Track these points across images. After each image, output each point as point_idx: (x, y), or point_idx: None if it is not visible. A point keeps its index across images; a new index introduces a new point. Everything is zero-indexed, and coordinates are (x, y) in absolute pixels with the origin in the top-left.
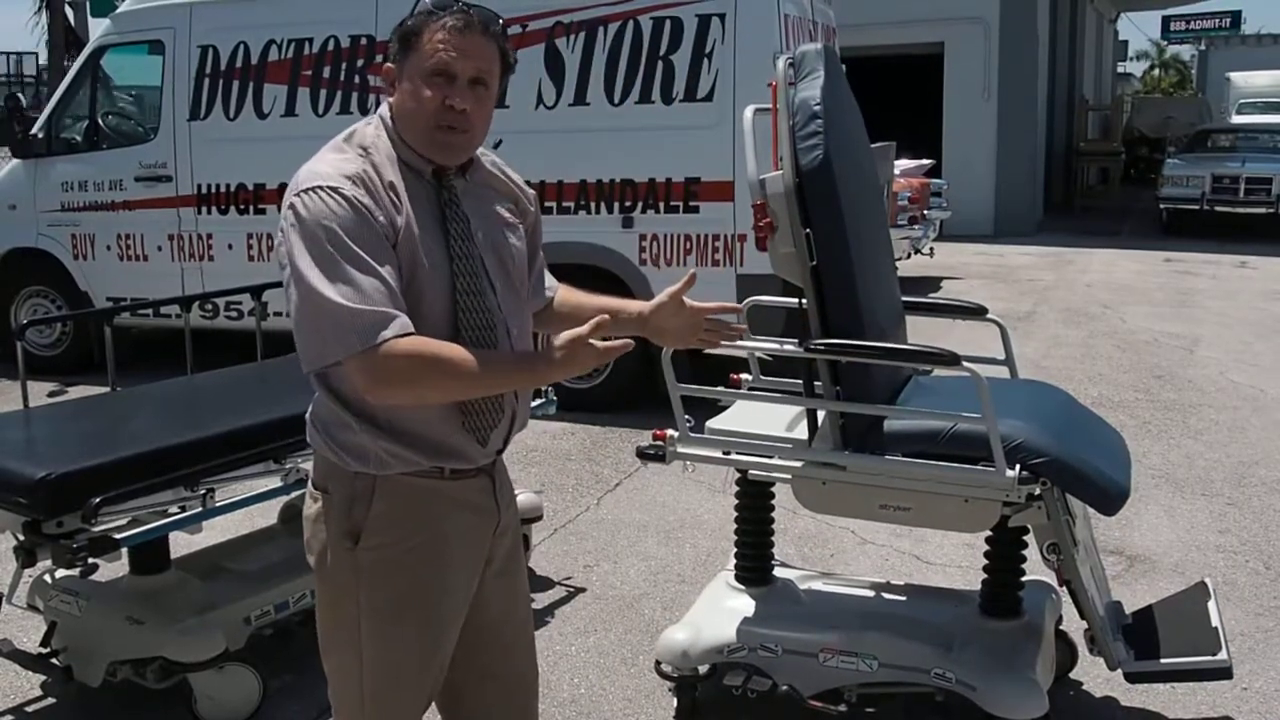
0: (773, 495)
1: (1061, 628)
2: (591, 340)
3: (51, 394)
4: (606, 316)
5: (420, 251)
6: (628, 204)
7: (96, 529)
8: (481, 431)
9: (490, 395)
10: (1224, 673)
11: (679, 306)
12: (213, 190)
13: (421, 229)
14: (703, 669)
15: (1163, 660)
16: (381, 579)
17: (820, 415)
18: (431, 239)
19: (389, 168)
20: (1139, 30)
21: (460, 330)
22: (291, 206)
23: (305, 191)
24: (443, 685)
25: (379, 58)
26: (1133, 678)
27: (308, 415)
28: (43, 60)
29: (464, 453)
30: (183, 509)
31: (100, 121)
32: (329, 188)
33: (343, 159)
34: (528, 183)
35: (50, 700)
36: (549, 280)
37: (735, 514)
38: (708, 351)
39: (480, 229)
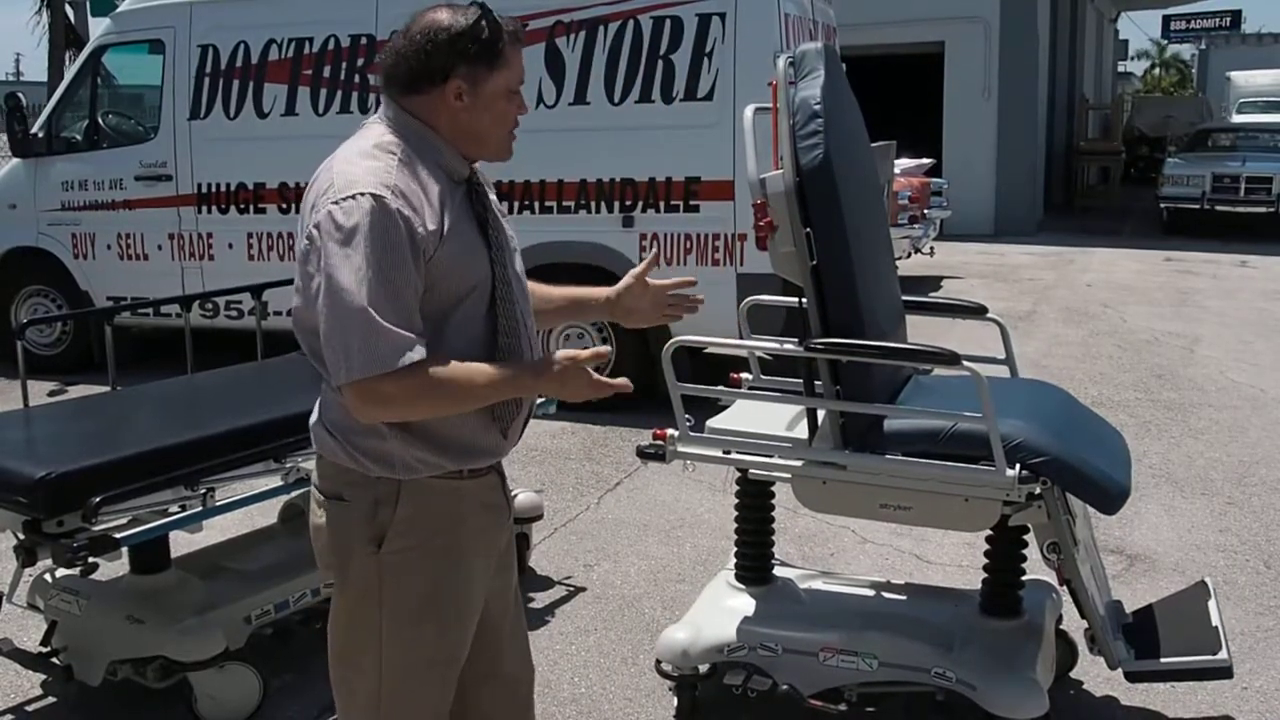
0: (773, 494)
1: (1062, 627)
2: (587, 367)
3: (51, 393)
4: (608, 349)
5: (465, 248)
6: (628, 203)
7: (96, 528)
8: (504, 422)
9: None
10: (1224, 672)
11: (644, 288)
12: (213, 189)
13: (465, 230)
14: (703, 668)
15: (1163, 659)
16: (406, 581)
17: (820, 414)
18: (474, 238)
19: (426, 175)
20: (1139, 29)
21: (498, 319)
22: (330, 214)
23: (346, 199)
24: None
25: (379, 57)
26: (1133, 677)
27: (314, 421)
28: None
29: (489, 449)
30: (183, 508)
31: (100, 121)
32: (371, 195)
33: (379, 166)
34: (527, 182)
35: (50, 699)
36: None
37: (735, 513)
38: (708, 350)
39: (495, 224)
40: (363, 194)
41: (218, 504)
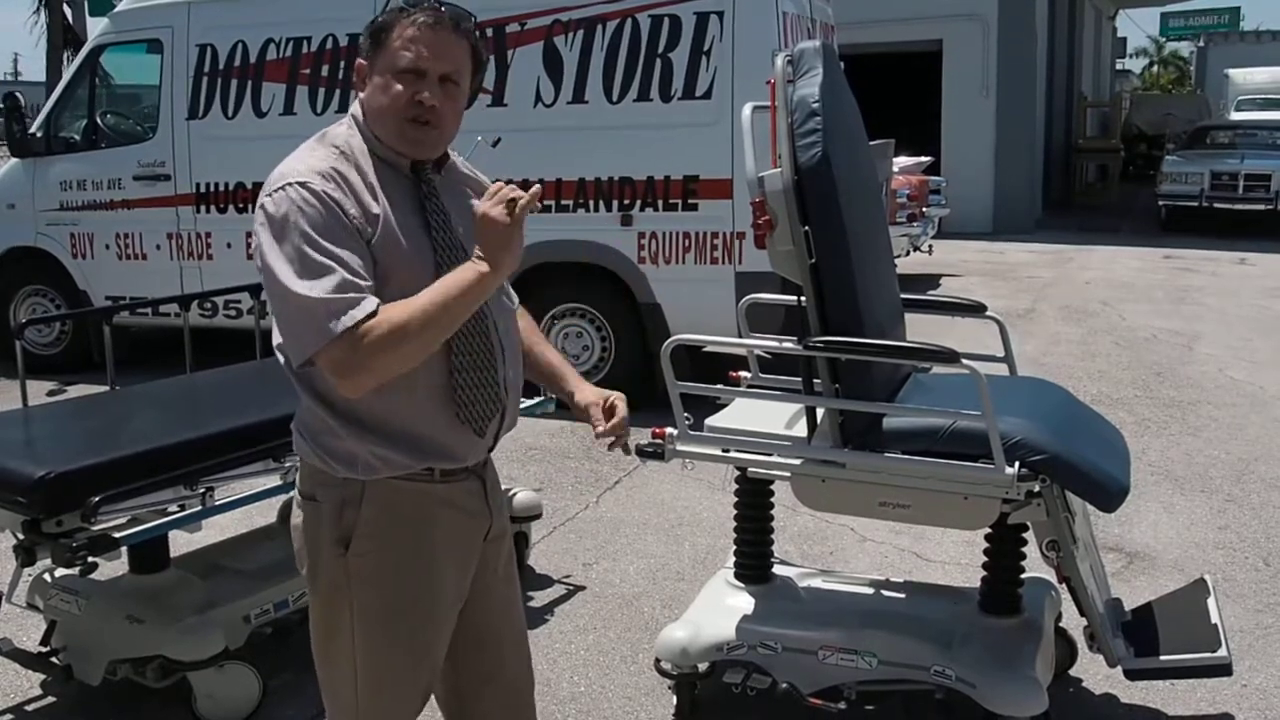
0: (772, 493)
1: (1061, 625)
2: (491, 211)
3: (50, 393)
4: (539, 187)
5: (404, 245)
6: (626, 202)
7: (96, 528)
8: (478, 422)
9: (480, 375)
10: (1223, 669)
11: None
12: (211, 189)
13: (402, 222)
14: (702, 667)
15: (1162, 657)
16: (373, 583)
17: (819, 413)
18: (414, 232)
19: (365, 164)
20: (1138, 27)
21: None
22: (262, 206)
23: (275, 191)
24: (445, 690)
25: None
26: (1132, 674)
27: (293, 424)
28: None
29: (455, 450)
30: (182, 507)
31: (99, 120)
32: (297, 183)
33: (314, 156)
34: (525, 180)
35: (50, 699)
36: (512, 294)
37: (734, 512)
38: (707, 349)
39: (460, 224)
40: (291, 183)
41: (217, 503)
